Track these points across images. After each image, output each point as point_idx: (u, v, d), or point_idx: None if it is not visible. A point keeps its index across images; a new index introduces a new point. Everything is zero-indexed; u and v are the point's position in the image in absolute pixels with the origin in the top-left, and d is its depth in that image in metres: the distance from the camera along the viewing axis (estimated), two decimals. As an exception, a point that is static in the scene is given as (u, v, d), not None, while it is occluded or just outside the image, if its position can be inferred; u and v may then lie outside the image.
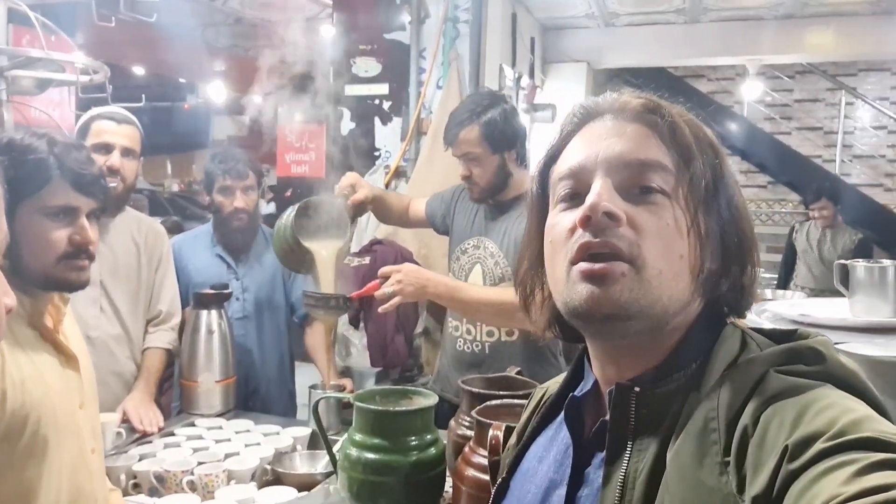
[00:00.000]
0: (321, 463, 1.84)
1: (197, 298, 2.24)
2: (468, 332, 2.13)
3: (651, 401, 0.69)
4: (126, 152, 2.09)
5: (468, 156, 2.05)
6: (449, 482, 1.47)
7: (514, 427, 0.99)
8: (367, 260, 2.64)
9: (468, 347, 2.13)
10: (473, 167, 2.05)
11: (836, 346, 0.76)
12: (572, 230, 0.71)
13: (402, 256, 2.68)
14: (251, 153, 2.62)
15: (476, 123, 2.02)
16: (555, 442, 0.82)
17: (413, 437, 1.39)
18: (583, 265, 0.69)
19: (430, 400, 1.44)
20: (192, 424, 2.07)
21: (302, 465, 1.84)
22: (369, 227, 3.04)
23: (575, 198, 0.73)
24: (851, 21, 4.95)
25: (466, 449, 1.36)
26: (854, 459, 0.52)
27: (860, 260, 1.40)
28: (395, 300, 1.86)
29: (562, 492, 0.75)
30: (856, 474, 0.51)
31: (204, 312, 2.21)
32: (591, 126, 0.76)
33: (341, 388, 2.21)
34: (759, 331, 0.73)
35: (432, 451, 1.40)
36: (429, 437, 1.41)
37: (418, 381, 2.80)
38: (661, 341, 0.71)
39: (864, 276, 1.36)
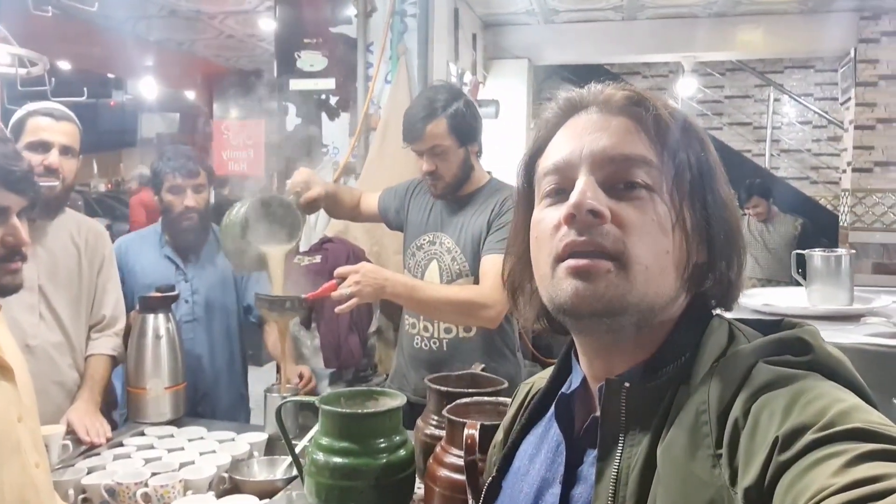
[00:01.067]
0: (280, 469, 1.79)
1: (143, 302, 2.15)
2: (425, 329, 2.11)
3: (641, 395, 0.69)
4: (65, 150, 1.98)
5: (435, 150, 2.02)
6: (418, 483, 1.45)
7: (489, 425, 0.98)
8: (317, 258, 2.59)
9: (426, 345, 2.11)
10: (440, 161, 2.02)
11: None
12: (557, 227, 0.70)
13: (354, 254, 2.64)
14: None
15: (443, 116, 1.99)
16: (545, 440, 0.81)
17: (382, 440, 1.35)
18: (569, 262, 0.69)
19: (398, 400, 1.41)
20: (142, 434, 1.99)
21: (261, 471, 1.79)
22: (319, 225, 2.98)
23: (560, 193, 0.72)
24: (780, 19, 5.13)
25: (438, 449, 1.33)
26: (843, 450, 0.53)
27: (816, 250, 1.44)
28: (353, 301, 1.83)
29: (555, 490, 0.75)
30: (845, 465, 0.51)
31: (150, 316, 2.12)
32: (575, 119, 0.75)
33: (300, 378, 2.17)
34: (745, 321, 0.74)
35: (402, 452, 1.37)
36: (398, 438, 1.38)
37: (373, 381, 2.76)
38: (650, 336, 0.71)
39: (821, 266, 1.40)
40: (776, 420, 0.58)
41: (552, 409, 0.82)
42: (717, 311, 0.75)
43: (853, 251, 1.42)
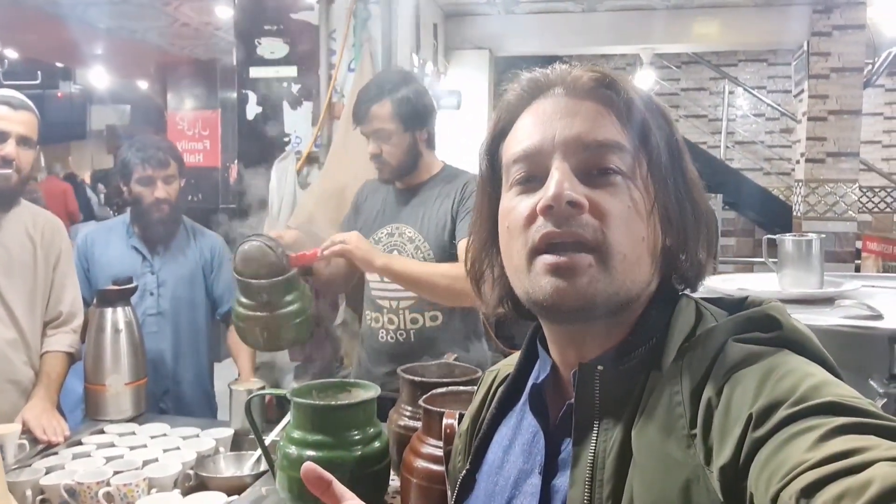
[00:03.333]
0: (248, 464, 1.74)
1: (100, 295, 2.07)
2: (390, 321, 2.07)
3: (614, 379, 0.69)
4: (22, 141, 1.90)
5: (379, 133, 2.00)
6: (392, 475, 1.43)
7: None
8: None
9: (392, 337, 2.08)
10: (384, 144, 2.01)
11: None
12: (531, 217, 0.69)
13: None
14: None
15: (388, 99, 1.98)
16: (519, 431, 0.80)
17: (356, 432, 1.33)
18: (547, 258, 0.67)
19: (372, 392, 1.39)
20: (102, 431, 1.92)
21: (228, 467, 1.74)
22: (282, 216, 2.92)
23: (531, 180, 0.71)
24: (735, 12, 5.22)
25: (414, 440, 1.31)
26: (817, 425, 0.53)
27: (787, 234, 1.45)
28: (338, 248, 1.83)
29: (535, 481, 0.73)
30: (819, 440, 0.52)
31: (109, 310, 2.05)
32: (541, 102, 0.73)
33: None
34: (710, 300, 0.75)
35: (377, 444, 1.35)
36: (372, 430, 1.36)
37: (339, 374, 2.71)
38: (621, 320, 0.71)
39: (792, 250, 1.41)
40: (749, 397, 0.59)
41: (524, 398, 0.81)
42: (685, 291, 0.75)
43: (823, 235, 1.44)
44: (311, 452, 1.30)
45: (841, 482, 0.48)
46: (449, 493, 0.98)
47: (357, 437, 1.32)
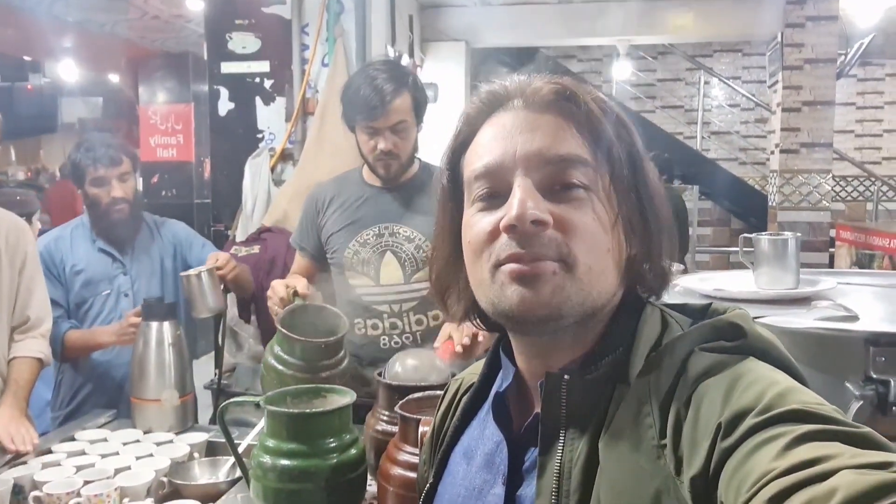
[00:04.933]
0: (223, 470, 1.71)
1: (147, 309, 2.00)
2: (393, 326, 1.99)
3: (581, 389, 0.68)
4: None
5: (398, 126, 1.90)
6: (370, 480, 1.41)
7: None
8: (256, 249, 2.50)
9: (395, 342, 1.98)
10: (399, 139, 1.92)
11: (756, 319, 0.80)
12: (494, 234, 0.68)
13: (294, 244, 2.56)
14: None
15: (408, 91, 1.89)
16: (481, 440, 0.79)
17: (332, 439, 1.30)
18: (512, 266, 0.67)
19: (347, 397, 1.36)
20: (72, 439, 1.87)
21: (203, 474, 1.71)
22: (256, 215, 2.89)
23: (493, 197, 0.70)
24: (710, 3, 5.23)
25: (391, 446, 1.29)
26: (783, 433, 0.54)
27: (763, 233, 1.45)
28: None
29: (497, 491, 0.73)
30: (785, 448, 0.53)
31: (155, 324, 1.98)
32: (501, 115, 0.72)
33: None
34: (675, 307, 0.75)
35: (353, 451, 1.32)
36: (348, 437, 1.33)
37: (316, 373, 2.68)
38: (588, 330, 0.71)
39: (768, 249, 1.41)
40: (717, 407, 0.59)
41: (486, 407, 0.81)
42: (650, 300, 0.75)
43: (798, 234, 1.44)
44: (285, 462, 1.27)
45: (807, 490, 0.48)
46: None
47: (332, 445, 1.30)
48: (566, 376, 0.69)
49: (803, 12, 5.21)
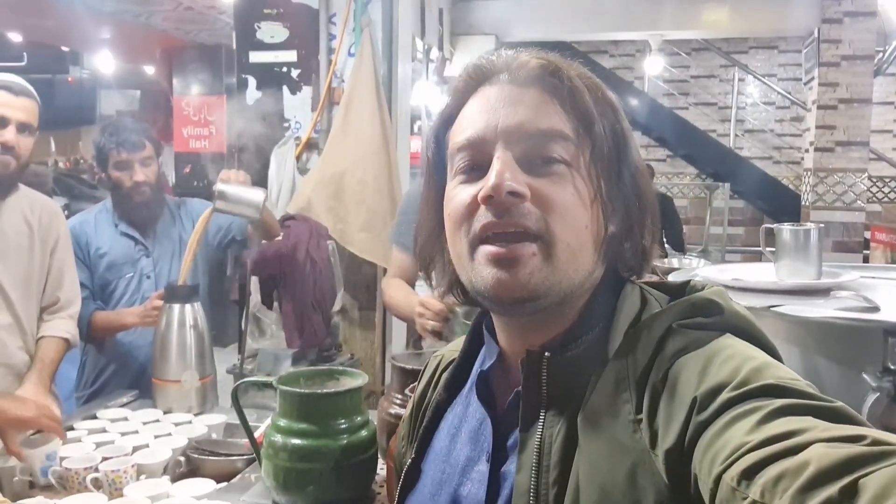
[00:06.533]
0: (240, 451, 1.73)
1: (170, 291, 2.05)
2: None
3: (561, 365, 0.69)
4: (22, 128, 1.88)
5: None
6: (381, 464, 1.41)
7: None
8: (280, 235, 2.51)
9: None
10: None
11: (772, 308, 0.81)
12: (473, 206, 0.69)
13: (317, 232, 2.57)
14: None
15: None
16: (465, 418, 0.80)
17: (342, 420, 1.31)
18: (490, 248, 0.67)
19: (359, 380, 1.37)
20: (94, 417, 1.91)
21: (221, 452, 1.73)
22: (280, 203, 2.91)
23: (475, 169, 0.70)
24: (745, -1, 5.15)
25: (399, 427, 1.29)
26: (757, 407, 0.55)
27: (785, 224, 1.42)
28: None
29: (482, 468, 0.74)
30: (759, 422, 0.54)
31: (177, 307, 2.03)
32: (486, 90, 0.72)
33: None
34: (654, 285, 0.76)
35: (363, 433, 1.33)
36: (359, 419, 1.34)
37: (336, 361, 2.70)
38: (568, 309, 0.71)
39: (789, 240, 1.38)
40: (693, 382, 0.60)
41: (469, 385, 0.81)
42: (631, 279, 0.76)
43: (821, 225, 1.41)
44: (296, 441, 1.29)
45: (780, 463, 0.49)
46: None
47: (343, 426, 1.31)
48: (546, 354, 0.69)
49: (841, 8, 5.09)
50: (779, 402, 0.55)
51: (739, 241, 8.01)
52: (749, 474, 0.50)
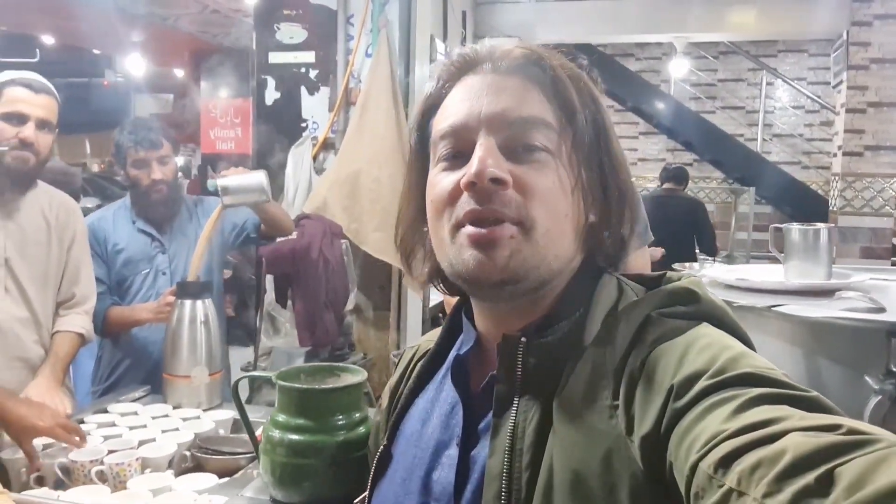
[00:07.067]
0: (245, 447, 1.74)
1: (182, 287, 2.07)
2: None
3: (538, 350, 0.69)
4: (42, 124, 1.91)
5: None
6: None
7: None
8: (293, 235, 2.53)
9: None
10: None
11: (774, 307, 0.81)
12: (455, 193, 0.69)
13: (331, 231, 2.58)
14: (176, 130, 2.50)
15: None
16: (437, 403, 0.80)
17: (340, 416, 1.30)
18: (470, 229, 0.68)
19: (359, 376, 1.36)
20: (105, 411, 1.94)
21: (225, 450, 1.74)
22: (297, 202, 2.93)
23: (457, 157, 0.71)
24: (772, 1, 5.06)
25: (397, 426, 1.29)
26: (734, 395, 0.55)
27: (794, 224, 1.39)
28: None
29: (452, 452, 0.74)
30: (736, 410, 0.54)
31: (189, 303, 2.04)
32: (470, 78, 0.73)
33: None
34: (630, 276, 0.76)
35: (361, 430, 1.32)
36: (357, 415, 1.33)
37: (349, 360, 2.71)
38: (546, 295, 0.72)
39: (799, 240, 1.35)
40: (670, 370, 0.61)
41: (443, 370, 0.82)
42: (608, 270, 0.76)
43: (832, 225, 1.38)
44: (293, 436, 1.28)
45: (756, 452, 0.49)
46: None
47: (341, 422, 1.30)
48: (523, 339, 0.70)
49: (871, 10, 4.99)
50: (755, 390, 0.55)
51: (766, 247, 7.87)
52: (726, 462, 0.50)
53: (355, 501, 0.94)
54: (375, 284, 2.32)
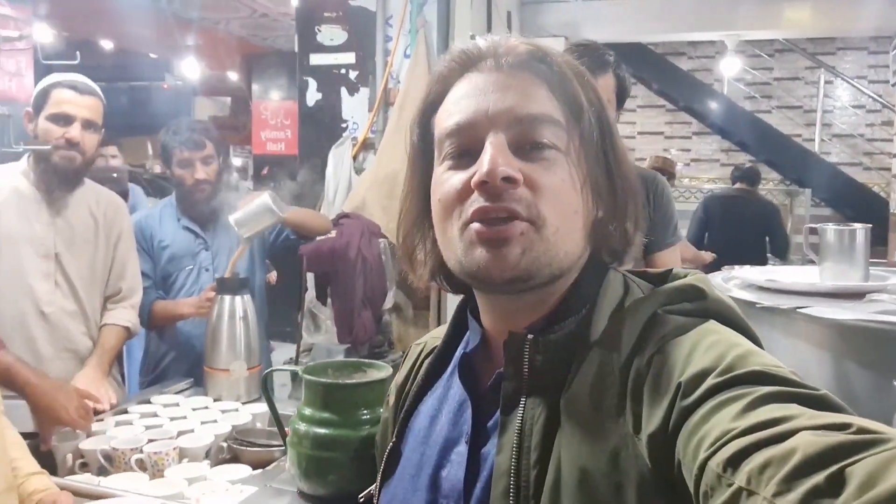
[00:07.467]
0: (279, 440, 1.77)
1: (221, 283, 2.14)
2: None
3: (544, 348, 0.69)
4: (87, 125, 1.99)
5: None
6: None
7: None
8: (333, 233, 2.57)
9: None
10: None
11: (800, 309, 0.79)
12: (464, 191, 0.69)
13: (369, 230, 2.61)
14: (232, 133, 2.56)
15: (612, 72, 1.85)
16: (445, 400, 0.80)
17: (365, 411, 1.32)
18: (480, 227, 0.67)
19: (384, 372, 1.38)
20: (148, 402, 2.00)
21: (259, 442, 1.78)
22: (337, 201, 2.97)
23: (463, 155, 0.70)
24: (829, -3, 4.92)
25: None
26: (743, 394, 0.55)
27: (830, 224, 1.35)
28: None
29: (461, 449, 0.74)
30: (745, 409, 0.53)
31: (228, 298, 2.11)
32: (473, 74, 0.72)
33: None
34: (636, 273, 0.76)
35: (385, 425, 1.34)
36: (382, 410, 1.35)
37: (387, 358, 2.73)
38: (552, 291, 0.72)
39: (834, 241, 1.31)
40: (678, 367, 0.60)
41: (451, 368, 0.81)
42: (613, 266, 0.76)
43: (870, 226, 1.33)
44: (318, 430, 1.31)
45: (766, 451, 0.49)
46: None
47: (365, 417, 1.32)
48: (529, 336, 0.69)
49: (933, 4, 4.80)
50: (764, 389, 0.54)
51: (823, 250, 7.63)
52: (735, 461, 0.50)
53: (360, 496, 0.94)
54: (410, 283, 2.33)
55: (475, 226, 0.67)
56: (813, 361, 1.09)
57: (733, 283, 1.41)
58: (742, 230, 4.76)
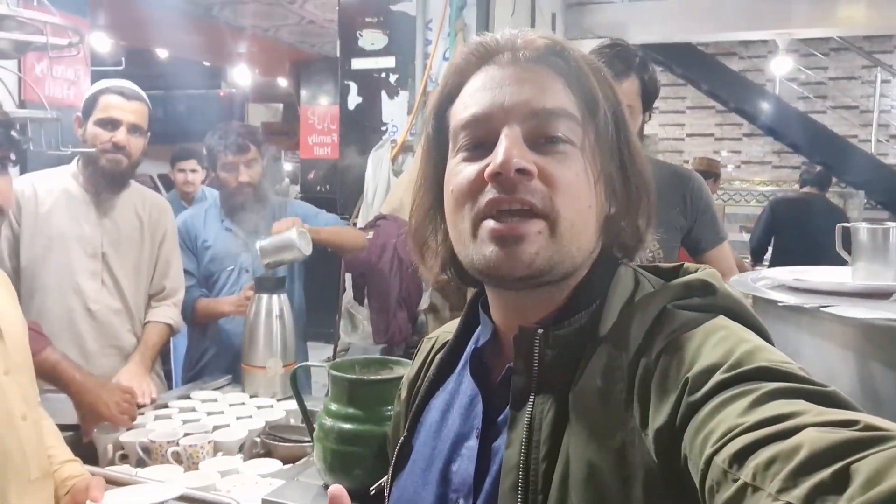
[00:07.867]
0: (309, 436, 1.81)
1: (259, 283, 2.20)
2: None
3: (554, 342, 0.69)
4: (133, 129, 2.06)
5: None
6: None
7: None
8: (370, 234, 2.61)
9: None
10: None
11: (824, 308, 0.78)
12: (478, 183, 0.69)
13: (406, 232, 2.64)
14: (283, 138, 2.61)
15: (636, 75, 1.83)
16: (457, 395, 0.80)
17: (389, 407, 1.34)
18: (493, 224, 0.67)
19: (408, 369, 1.40)
20: (188, 397, 2.06)
21: (292, 438, 1.82)
22: (376, 203, 3.00)
23: (478, 147, 0.70)
24: (885, -7, 4.76)
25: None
26: (751, 389, 0.54)
27: (863, 223, 1.32)
28: None
29: (472, 444, 0.74)
30: (752, 405, 0.53)
31: (265, 297, 2.16)
32: (490, 67, 0.72)
33: None
34: (647, 268, 0.75)
35: (410, 421, 1.36)
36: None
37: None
38: (564, 286, 0.72)
39: (867, 240, 1.28)
40: (686, 362, 0.60)
41: (462, 362, 0.81)
42: (624, 261, 0.75)
43: (907, 225, 1.29)
44: (343, 425, 1.33)
45: (772, 447, 0.49)
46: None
47: (390, 413, 1.33)
48: (539, 330, 0.69)
49: None
50: (771, 385, 0.54)
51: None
52: (741, 457, 0.50)
53: (371, 489, 0.95)
54: (450, 285, 2.34)
55: (489, 223, 0.67)
56: (838, 361, 1.06)
57: (762, 283, 1.38)
58: (815, 234, 4.62)
